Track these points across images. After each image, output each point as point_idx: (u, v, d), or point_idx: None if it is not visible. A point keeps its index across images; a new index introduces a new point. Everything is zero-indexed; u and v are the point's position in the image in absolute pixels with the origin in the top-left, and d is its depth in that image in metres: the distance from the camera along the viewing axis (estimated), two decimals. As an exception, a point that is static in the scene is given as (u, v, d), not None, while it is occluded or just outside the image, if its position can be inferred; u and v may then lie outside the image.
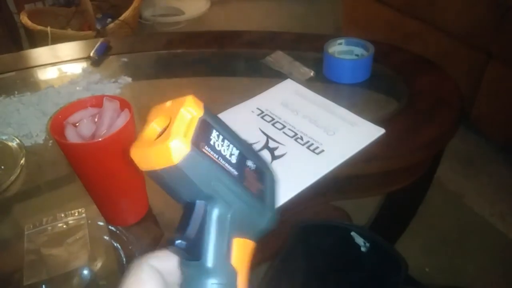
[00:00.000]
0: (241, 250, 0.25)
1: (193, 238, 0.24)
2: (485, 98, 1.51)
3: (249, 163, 0.26)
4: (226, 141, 0.25)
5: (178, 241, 0.24)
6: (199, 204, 0.25)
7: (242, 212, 0.25)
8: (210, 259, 0.24)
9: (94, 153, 0.51)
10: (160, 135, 0.25)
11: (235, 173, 0.25)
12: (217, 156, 0.24)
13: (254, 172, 0.26)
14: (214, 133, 0.25)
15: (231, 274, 0.24)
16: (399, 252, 0.74)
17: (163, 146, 0.23)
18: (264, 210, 0.26)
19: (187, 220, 0.24)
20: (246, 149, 0.26)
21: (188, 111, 0.24)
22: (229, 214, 0.25)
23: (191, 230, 0.24)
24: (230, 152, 0.25)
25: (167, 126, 0.24)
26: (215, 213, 0.24)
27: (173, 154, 0.23)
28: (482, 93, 1.50)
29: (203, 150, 0.24)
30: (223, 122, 0.26)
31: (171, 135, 0.23)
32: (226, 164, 0.24)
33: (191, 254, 0.24)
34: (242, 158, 0.25)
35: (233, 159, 0.25)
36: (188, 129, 0.23)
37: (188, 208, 0.25)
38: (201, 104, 0.25)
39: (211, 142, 0.24)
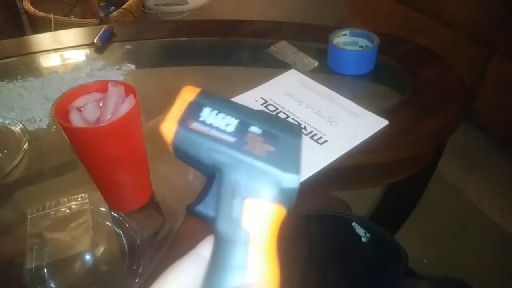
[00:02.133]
0: (255, 212, 0.26)
1: (209, 204, 0.27)
2: (488, 92, 1.50)
3: (253, 129, 0.27)
4: (221, 114, 0.27)
5: (195, 208, 0.27)
6: (210, 173, 0.28)
7: (250, 175, 0.26)
8: (217, 221, 0.26)
9: (98, 137, 0.51)
10: None
11: (232, 139, 0.26)
12: (208, 128, 0.27)
13: (260, 136, 0.27)
14: (206, 110, 0.28)
15: (241, 235, 0.26)
16: (399, 243, 0.74)
17: (160, 129, 0.28)
18: (278, 171, 0.26)
19: (207, 189, 0.27)
20: (252, 118, 0.28)
21: (181, 98, 0.28)
22: (237, 179, 0.26)
23: (208, 197, 0.27)
24: (226, 122, 0.27)
25: None
26: (223, 179, 0.26)
27: (166, 134, 0.27)
28: (485, 87, 1.50)
29: (191, 126, 0.27)
30: (226, 100, 0.29)
31: (164, 120, 0.28)
32: (220, 133, 0.27)
33: (209, 219, 0.27)
34: (242, 126, 0.27)
35: (230, 128, 0.27)
36: (178, 113, 0.28)
37: (209, 179, 0.28)
38: (196, 91, 0.29)
39: (201, 119, 0.27)
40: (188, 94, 0.28)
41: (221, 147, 0.26)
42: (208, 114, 0.27)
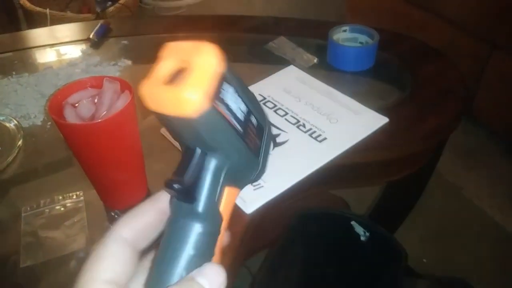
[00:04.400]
0: (229, 199, 0.26)
1: (189, 182, 0.25)
2: (488, 89, 1.50)
3: (253, 119, 0.26)
4: (238, 98, 0.24)
5: (175, 184, 0.24)
6: (199, 151, 0.25)
7: (239, 165, 0.26)
8: (201, 204, 0.25)
9: (93, 134, 0.50)
10: (173, 77, 0.23)
11: (241, 131, 0.25)
12: (228, 114, 0.24)
13: (255, 128, 0.26)
14: (230, 90, 0.24)
15: (217, 221, 0.26)
16: (398, 242, 0.74)
17: (183, 95, 0.22)
18: (256, 164, 0.26)
19: (186, 165, 0.25)
20: (252, 105, 0.26)
21: (212, 63, 0.23)
22: (226, 166, 0.25)
23: (189, 175, 0.24)
24: (240, 108, 0.25)
25: (184, 70, 0.23)
26: (213, 163, 0.25)
27: (192, 107, 0.22)
28: (485, 84, 1.49)
29: (219, 108, 0.23)
30: (237, 76, 0.25)
31: (193, 86, 0.22)
32: (234, 121, 0.24)
33: (186, 197, 0.25)
34: (248, 115, 0.25)
35: (241, 116, 0.25)
36: (210, 84, 0.22)
37: (188, 154, 0.25)
38: (221, 57, 0.24)
39: (226, 100, 0.23)
40: (217, 60, 0.23)
41: (232, 137, 0.24)
42: (231, 95, 0.24)
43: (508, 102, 1.44)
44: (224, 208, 0.26)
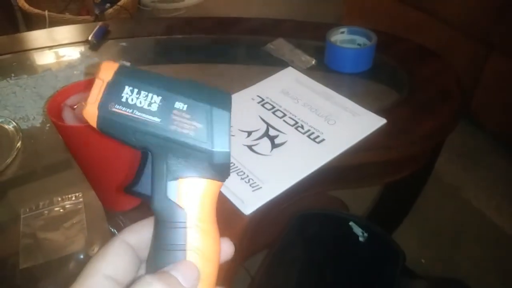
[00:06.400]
0: (191, 190, 0.26)
1: (145, 183, 0.27)
2: (485, 90, 1.50)
3: (178, 105, 0.26)
4: (143, 93, 0.26)
5: (131, 189, 0.27)
6: (141, 153, 0.27)
7: (181, 154, 0.26)
8: (152, 200, 0.26)
9: (91, 136, 0.50)
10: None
11: (157, 120, 0.26)
12: (131, 110, 0.26)
13: (186, 113, 0.26)
14: (127, 89, 0.26)
15: (176, 214, 0.26)
16: (397, 242, 0.74)
17: (84, 112, 0.27)
18: (208, 148, 0.26)
19: (141, 168, 0.27)
20: (177, 92, 0.27)
21: (100, 78, 0.27)
22: (168, 159, 0.26)
23: (144, 177, 0.27)
24: (149, 101, 0.26)
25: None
26: (155, 159, 0.27)
27: (89, 120, 0.27)
28: (482, 85, 1.50)
29: (113, 109, 0.26)
30: (149, 73, 0.27)
31: (87, 103, 0.27)
32: (144, 115, 0.26)
33: (145, 199, 0.27)
34: (167, 103, 0.26)
35: (154, 107, 0.26)
36: (98, 95, 0.26)
37: (143, 158, 0.28)
38: (114, 67, 0.27)
39: (123, 100, 0.26)
40: (106, 72, 0.27)
41: (147, 129, 0.26)
42: (129, 94, 0.26)
43: (506, 103, 1.45)
44: (186, 201, 0.26)
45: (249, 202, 0.58)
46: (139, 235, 0.29)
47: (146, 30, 1.04)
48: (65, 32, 1.05)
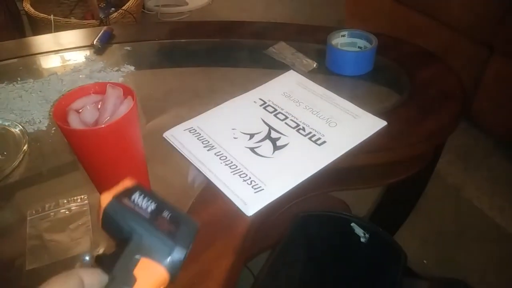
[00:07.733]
0: (145, 268, 0.33)
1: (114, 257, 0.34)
2: (486, 92, 1.50)
3: (165, 214, 0.36)
4: (146, 198, 0.36)
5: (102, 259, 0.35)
6: (125, 238, 0.35)
7: (149, 240, 0.34)
8: (117, 267, 0.33)
9: (97, 139, 0.51)
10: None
11: (147, 216, 0.35)
12: (133, 205, 0.35)
13: (167, 218, 0.36)
14: (137, 193, 0.36)
15: (129, 281, 0.32)
16: (398, 243, 0.74)
17: (101, 198, 0.36)
18: (171, 245, 0.34)
19: (119, 249, 0.34)
20: (165, 206, 0.36)
21: (123, 183, 0.37)
22: (142, 243, 0.34)
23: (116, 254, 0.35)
24: (147, 204, 0.36)
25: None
26: (132, 240, 0.34)
27: (102, 202, 0.36)
28: (483, 87, 1.50)
29: (123, 201, 0.36)
30: (152, 191, 0.37)
31: (105, 193, 0.36)
32: (141, 210, 0.35)
33: (108, 267, 0.34)
34: (157, 209, 0.36)
35: (149, 209, 0.36)
36: (117, 191, 0.36)
37: (121, 244, 0.35)
38: (133, 182, 0.38)
39: (132, 198, 0.36)
40: (128, 182, 0.38)
41: (138, 219, 0.35)
42: (137, 196, 0.36)
43: (507, 105, 1.45)
44: (139, 273, 0.33)
45: (251, 204, 0.58)
46: (92, 277, 0.33)
47: (150, 34, 1.05)
48: (70, 37, 1.06)
